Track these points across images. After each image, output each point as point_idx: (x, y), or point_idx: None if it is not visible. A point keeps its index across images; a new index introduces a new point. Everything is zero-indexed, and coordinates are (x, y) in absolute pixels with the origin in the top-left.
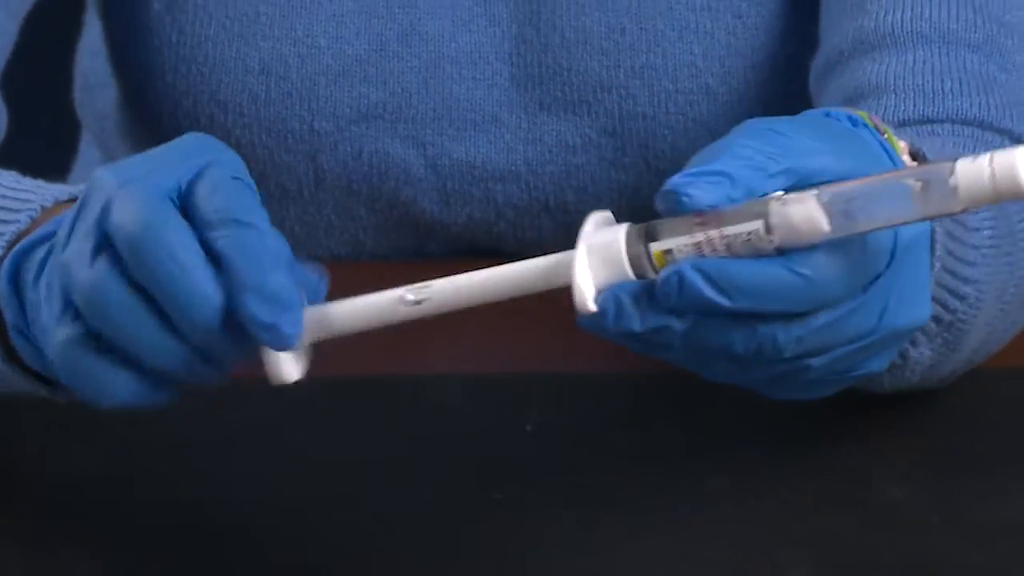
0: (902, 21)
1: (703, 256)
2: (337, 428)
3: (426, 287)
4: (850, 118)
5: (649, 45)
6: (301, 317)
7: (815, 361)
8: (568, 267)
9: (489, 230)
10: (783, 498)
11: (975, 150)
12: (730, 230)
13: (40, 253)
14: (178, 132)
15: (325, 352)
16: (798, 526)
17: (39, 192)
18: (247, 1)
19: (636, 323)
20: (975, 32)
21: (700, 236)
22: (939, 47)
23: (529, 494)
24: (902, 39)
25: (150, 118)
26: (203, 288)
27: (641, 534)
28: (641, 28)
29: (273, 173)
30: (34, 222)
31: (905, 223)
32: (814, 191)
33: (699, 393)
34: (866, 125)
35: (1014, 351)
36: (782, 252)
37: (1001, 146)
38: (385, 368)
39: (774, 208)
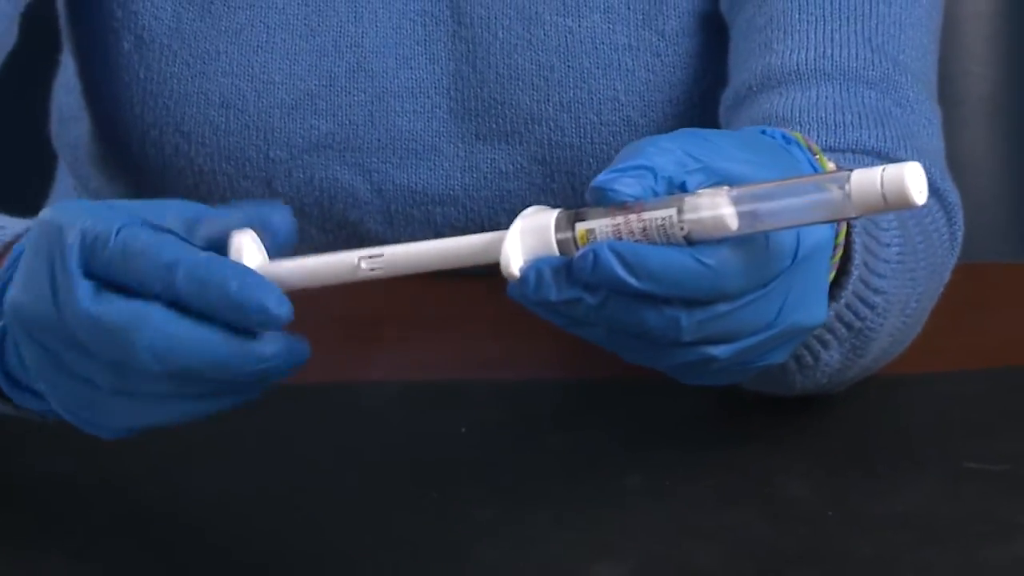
0: (807, 60)
1: (620, 238)
2: (278, 435)
3: (379, 254)
4: (784, 136)
5: (576, 81)
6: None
7: (719, 351)
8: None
9: None
10: (694, 494)
11: None
12: (647, 215)
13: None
14: (146, 161)
15: None
16: (707, 520)
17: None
18: (208, 40)
19: (553, 293)
20: (873, 70)
21: (620, 219)
22: (840, 84)
23: (463, 491)
24: (806, 76)
25: (120, 148)
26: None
27: (565, 526)
28: (568, 66)
29: (232, 197)
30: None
31: (805, 224)
32: (726, 187)
33: (619, 399)
34: (798, 144)
35: (903, 361)
36: (692, 243)
37: None
38: (323, 377)
39: (688, 199)
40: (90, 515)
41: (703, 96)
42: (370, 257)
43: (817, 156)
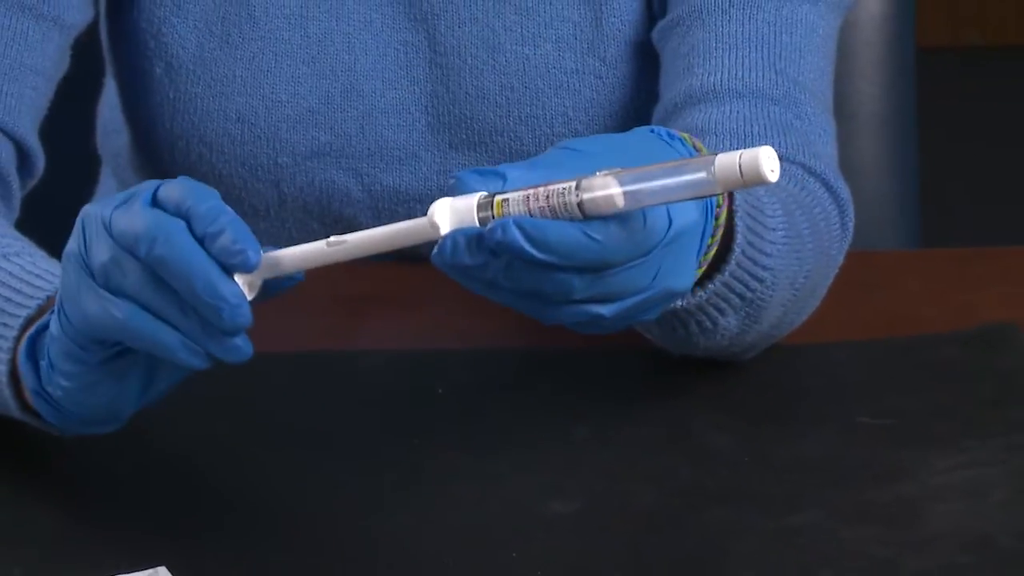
0: (721, 81)
1: (529, 206)
2: (286, 394)
3: (342, 239)
4: (668, 134)
5: (532, 100)
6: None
7: (605, 310)
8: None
9: None
10: (632, 443)
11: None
12: (551, 187)
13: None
14: (175, 166)
15: (274, 334)
16: (643, 464)
17: (49, 279)
18: (226, 66)
19: (467, 258)
20: (776, 89)
21: (530, 190)
22: (749, 100)
23: (439, 439)
24: (721, 94)
25: (153, 156)
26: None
27: (524, 470)
28: (526, 87)
29: (246, 197)
30: (41, 309)
31: (681, 200)
32: (617, 169)
33: (570, 363)
34: (683, 141)
35: (805, 332)
36: (587, 215)
37: (801, 176)
38: (321, 345)
39: (585, 180)
40: (118, 464)
41: (638, 112)
42: (337, 242)
43: (700, 151)
